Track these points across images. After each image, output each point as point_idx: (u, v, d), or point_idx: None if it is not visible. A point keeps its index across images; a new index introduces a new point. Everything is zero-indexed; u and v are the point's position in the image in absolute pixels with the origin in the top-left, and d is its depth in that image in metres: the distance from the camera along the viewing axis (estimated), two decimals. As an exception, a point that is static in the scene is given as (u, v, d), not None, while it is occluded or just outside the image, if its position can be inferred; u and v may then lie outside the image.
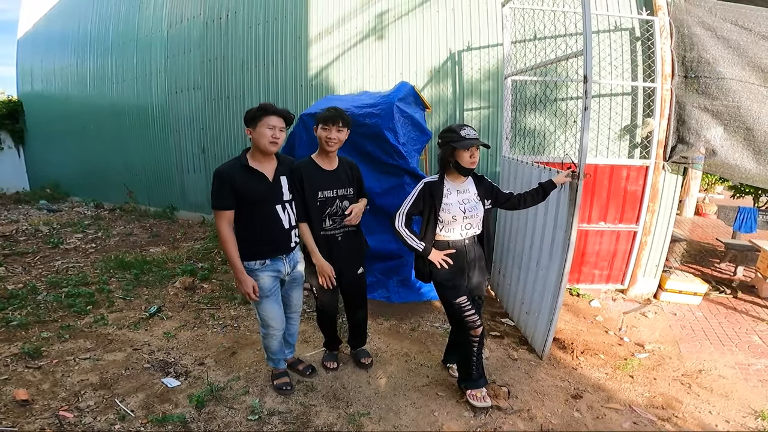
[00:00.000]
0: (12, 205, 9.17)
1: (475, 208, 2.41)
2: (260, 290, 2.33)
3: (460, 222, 2.40)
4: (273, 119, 2.19)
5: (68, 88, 9.40)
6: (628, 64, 3.98)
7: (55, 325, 3.50)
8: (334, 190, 2.52)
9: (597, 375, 2.95)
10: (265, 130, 2.18)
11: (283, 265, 2.43)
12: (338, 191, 2.54)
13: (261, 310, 2.43)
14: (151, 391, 2.66)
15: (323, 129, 2.42)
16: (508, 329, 3.59)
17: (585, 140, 2.54)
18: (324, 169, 2.51)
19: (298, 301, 2.68)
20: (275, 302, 2.45)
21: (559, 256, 2.85)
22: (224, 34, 6.11)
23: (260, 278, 2.35)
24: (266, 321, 2.47)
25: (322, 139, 2.44)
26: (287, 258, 2.44)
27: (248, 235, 2.30)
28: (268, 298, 2.40)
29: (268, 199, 2.29)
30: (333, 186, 2.52)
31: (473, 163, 2.32)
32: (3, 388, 2.62)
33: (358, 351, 3.04)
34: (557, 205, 2.92)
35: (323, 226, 2.53)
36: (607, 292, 4.39)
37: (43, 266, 5.14)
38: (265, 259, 2.35)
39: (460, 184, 2.44)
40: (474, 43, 4.34)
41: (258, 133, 2.19)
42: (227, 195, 2.19)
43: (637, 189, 4.06)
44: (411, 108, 3.71)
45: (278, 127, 2.21)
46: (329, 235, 2.56)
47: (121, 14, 7.73)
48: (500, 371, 2.94)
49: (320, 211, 2.50)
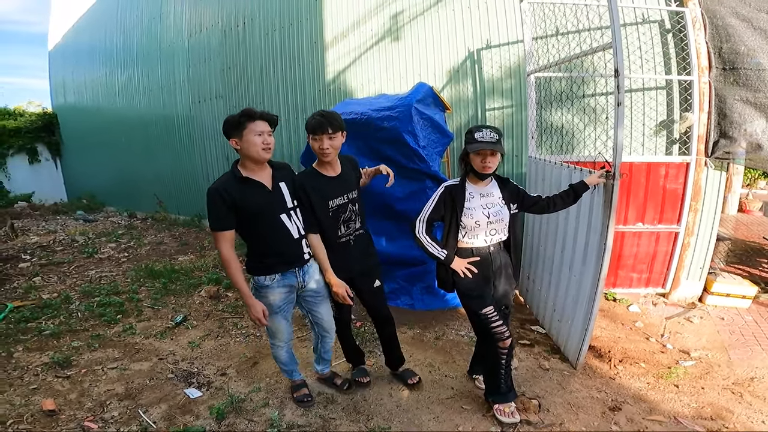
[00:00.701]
0: (50, 216, 9.66)
1: (500, 213, 2.30)
2: (270, 307, 2.24)
3: (484, 227, 2.29)
4: (260, 124, 2.05)
5: (99, 100, 9.79)
6: (660, 57, 3.78)
7: (85, 335, 3.63)
8: (344, 195, 2.38)
9: (637, 385, 2.78)
10: (254, 138, 2.03)
11: (296, 278, 2.30)
12: (348, 195, 2.40)
13: (270, 322, 2.31)
14: (174, 401, 2.70)
15: (313, 140, 2.25)
16: (538, 337, 3.45)
17: (619, 137, 2.38)
18: (329, 177, 2.36)
19: (328, 317, 2.52)
20: (283, 318, 2.36)
21: (594, 262, 2.71)
22: (242, 42, 6.20)
23: (271, 294, 2.25)
24: (272, 332, 2.42)
25: (315, 150, 2.27)
26: (300, 271, 2.30)
27: (256, 250, 2.22)
28: (277, 314, 2.32)
29: (270, 209, 2.16)
30: (342, 191, 2.37)
31: (485, 168, 2.19)
32: (32, 397, 2.72)
33: (403, 371, 2.86)
34: (590, 207, 2.77)
35: (339, 234, 2.41)
36: (647, 296, 4.16)
37: (78, 275, 5.35)
38: (275, 274, 2.23)
39: (483, 188, 2.32)
40: (493, 41, 4.21)
41: (246, 142, 2.04)
42: (225, 214, 2.06)
43: (677, 187, 3.83)
44: (430, 109, 3.63)
45: (266, 132, 2.07)
46: (344, 242, 2.44)
47: (144, 25, 7.98)
48: (530, 382, 2.82)
49: (335, 221, 2.37)
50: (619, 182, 2.48)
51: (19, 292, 4.70)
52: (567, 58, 3.02)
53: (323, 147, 2.23)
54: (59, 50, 11.17)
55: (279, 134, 6.05)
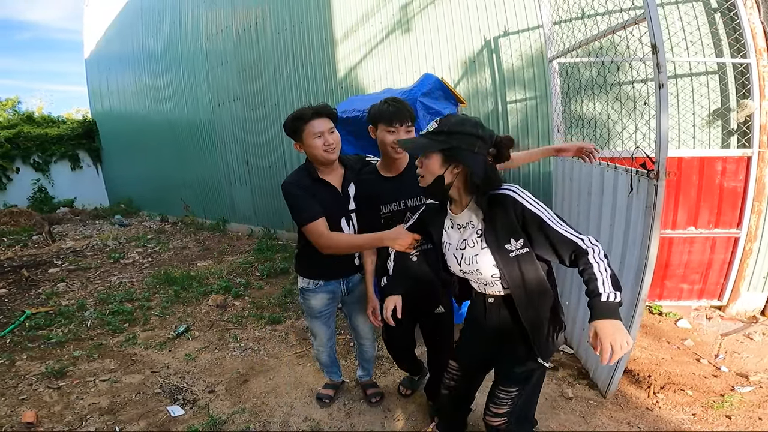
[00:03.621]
0: (90, 221, 10.25)
1: (472, 260, 1.55)
2: (310, 310, 2.30)
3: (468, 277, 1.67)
4: (316, 124, 1.92)
5: (131, 106, 10.29)
6: (708, 38, 3.31)
7: (89, 344, 3.69)
8: (400, 202, 2.05)
9: (680, 417, 2.40)
10: (314, 141, 1.93)
11: (340, 286, 2.27)
12: (406, 202, 2.05)
13: (310, 324, 2.41)
14: (154, 419, 2.63)
15: (388, 131, 1.94)
16: (564, 358, 3.10)
17: (664, 127, 1.94)
18: (385, 177, 2.07)
19: (365, 326, 2.45)
20: (324, 323, 2.39)
21: (632, 280, 2.32)
22: (255, 42, 6.22)
23: (313, 299, 2.28)
24: (314, 333, 2.46)
25: (387, 145, 1.95)
26: (345, 279, 2.26)
27: (308, 250, 2.08)
28: (317, 318, 2.35)
29: (335, 213, 2.05)
30: (398, 197, 2.04)
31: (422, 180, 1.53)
32: (18, 408, 2.75)
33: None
34: (627, 213, 2.38)
35: None
36: (699, 310, 3.66)
37: (100, 281, 5.54)
38: (319, 281, 2.22)
39: (459, 214, 1.60)
40: (512, 27, 3.88)
41: (308, 146, 1.96)
42: (309, 204, 1.94)
43: (736, 185, 3.32)
44: (439, 103, 3.37)
45: (326, 130, 1.94)
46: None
47: (165, 32, 8.25)
48: (547, 414, 2.48)
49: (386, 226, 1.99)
50: (664, 183, 2.07)
51: (42, 298, 4.92)
52: (593, 37, 2.65)
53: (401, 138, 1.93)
54: (93, 58, 11.83)
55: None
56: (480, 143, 1.43)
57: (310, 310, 2.30)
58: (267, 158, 6.58)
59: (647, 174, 2.18)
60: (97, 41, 11.30)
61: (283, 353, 3.38)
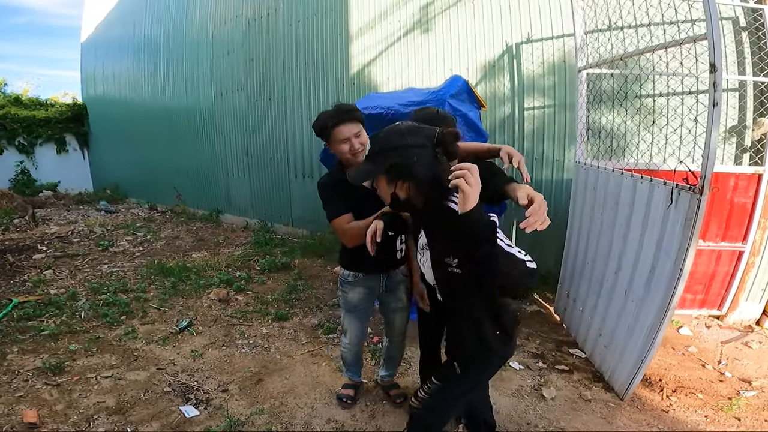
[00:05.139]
0: (74, 206, 9.67)
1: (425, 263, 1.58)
2: (347, 302, 2.26)
3: None
4: (344, 130, 1.89)
5: (126, 92, 9.79)
6: (733, 56, 3.34)
7: (85, 337, 3.39)
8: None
9: (694, 418, 2.44)
10: (340, 146, 1.92)
11: (379, 282, 2.23)
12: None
13: (345, 319, 2.34)
14: (167, 420, 2.41)
15: None
16: (578, 362, 3.05)
17: (713, 144, 2.00)
18: None
19: (401, 325, 2.40)
20: (357, 318, 2.32)
21: (663, 288, 2.30)
22: (265, 33, 5.96)
23: (351, 291, 2.24)
24: (345, 329, 2.37)
25: None
26: (385, 275, 2.22)
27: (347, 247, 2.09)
28: (352, 313, 2.30)
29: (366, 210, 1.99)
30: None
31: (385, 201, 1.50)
32: (16, 406, 2.46)
33: None
34: (662, 225, 2.34)
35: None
36: (700, 318, 3.71)
37: (90, 270, 5.17)
38: (359, 273, 2.20)
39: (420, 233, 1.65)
40: (535, 35, 3.79)
41: (335, 151, 1.97)
42: (338, 200, 1.99)
43: (746, 201, 3.33)
44: (465, 106, 3.25)
45: (353, 135, 1.90)
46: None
47: (170, 18, 7.87)
48: (570, 415, 2.46)
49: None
50: (707, 197, 2.04)
51: (28, 285, 4.53)
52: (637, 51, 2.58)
53: None
54: (91, 42, 11.25)
55: (300, 129, 5.77)
56: (416, 151, 1.31)
57: (346, 304, 2.27)
58: (269, 151, 6.31)
59: (689, 188, 2.15)
60: (96, 25, 10.73)
61: (296, 351, 3.19)
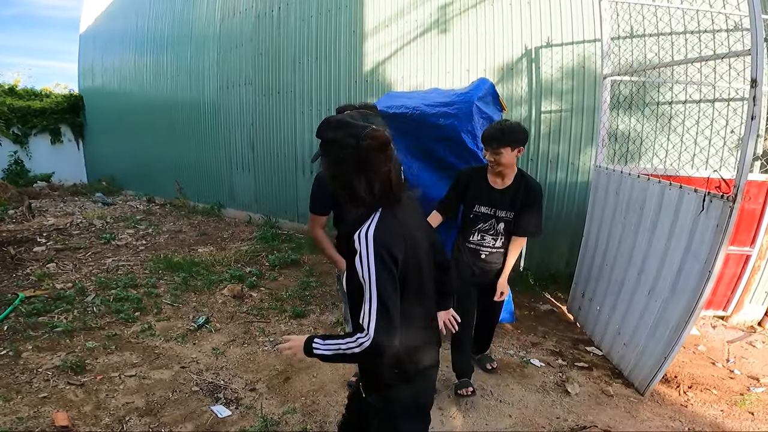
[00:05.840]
0: (69, 197, 9.37)
1: None
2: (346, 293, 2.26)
3: None
4: None
5: (126, 84, 9.51)
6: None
7: (101, 334, 3.29)
8: (493, 209, 2.41)
9: (712, 412, 2.52)
10: None
11: None
12: (497, 211, 2.41)
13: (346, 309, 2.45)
14: (200, 421, 2.35)
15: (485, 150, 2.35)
16: (595, 359, 3.10)
17: (748, 155, 2.05)
18: (492, 186, 2.42)
19: None
20: None
21: (690, 290, 2.35)
22: (276, 28, 5.83)
23: None
24: (348, 319, 2.44)
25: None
26: None
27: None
28: None
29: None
30: (494, 205, 2.40)
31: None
32: (42, 408, 2.37)
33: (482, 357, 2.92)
34: (691, 229, 2.39)
35: (469, 239, 2.48)
36: (705, 318, 3.81)
37: (94, 263, 5.02)
38: None
39: None
40: (555, 39, 3.79)
41: None
42: (324, 202, 2.23)
43: (755, 208, 3.41)
44: (490, 108, 3.23)
45: None
46: (473, 249, 2.48)
47: (176, 10, 7.66)
48: (596, 410, 2.51)
49: (472, 224, 2.45)
50: (739, 206, 2.08)
51: (32, 279, 4.37)
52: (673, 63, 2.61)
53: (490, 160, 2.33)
54: (90, 33, 10.92)
55: (309, 125, 5.68)
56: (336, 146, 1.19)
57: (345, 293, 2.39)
58: (276, 146, 6.20)
59: (722, 196, 2.18)
60: (96, 16, 10.36)
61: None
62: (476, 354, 2.94)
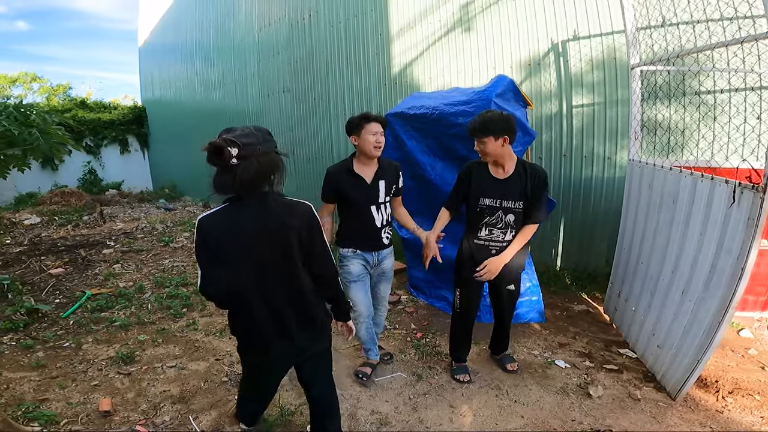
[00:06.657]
0: (136, 204, 10.27)
1: None
2: (349, 275, 2.53)
3: None
4: (374, 126, 2.36)
5: (181, 94, 10.21)
6: None
7: (152, 328, 3.59)
8: (499, 201, 2.40)
9: (750, 419, 2.33)
10: (369, 137, 2.35)
11: (372, 256, 2.57)
12: (503, 202, 2.39)
13: (349, 293, 2.54)
14: (224, 409, 2.52)
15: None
16: (628, 362, 2.93)
17: None
18: (494, 177, 2.41)
19: (385, 294, 2.78)
20: (362, 289, 2.57)
21: (723, 288, 2.18)
22: (308, 35, 6.01)
23: (350, 264, 2.54)
24: (354, 301, 2.55)
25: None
26: (376, 253, 2.58)
27: (345, 227, 2.56)
28: (356, 282, 2.55)
29: (364, 200, 2.45)
30: (498, 196, 2.40)
31: None
32: (91, 395, 2.64)
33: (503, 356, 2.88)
34: (723, 224, 2.21)
35: (477, 234, 2.46)
36: (761, 321, 3.49)
37: (153, 264, 5.47)
38: (356, 249, 2.54)
39: None
40: (582, 32, 3.60)
41: (362, 140, 2.36)
42: (330, 191, 2.47)
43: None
44: (510, 105, 3.14)
45: (379, 132, 2.37)
46: (482, 245, 2.48)
47: (219, 22, 8.10)
48: (616, 413, 2.39)
49: (478, 218, 2.44)
50: None
51: (99, 279, 4.86)
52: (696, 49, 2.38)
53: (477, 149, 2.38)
54: (147, 47, 11.77)
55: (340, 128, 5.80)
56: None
57: (349, 275, 2.53)
58: (314, 150, 6.38)
59: (753, 187, 2.01)
60: (151, 30, 11.22)
61: (341, 345, 3.23)
62: (497, 354, 2.90)
